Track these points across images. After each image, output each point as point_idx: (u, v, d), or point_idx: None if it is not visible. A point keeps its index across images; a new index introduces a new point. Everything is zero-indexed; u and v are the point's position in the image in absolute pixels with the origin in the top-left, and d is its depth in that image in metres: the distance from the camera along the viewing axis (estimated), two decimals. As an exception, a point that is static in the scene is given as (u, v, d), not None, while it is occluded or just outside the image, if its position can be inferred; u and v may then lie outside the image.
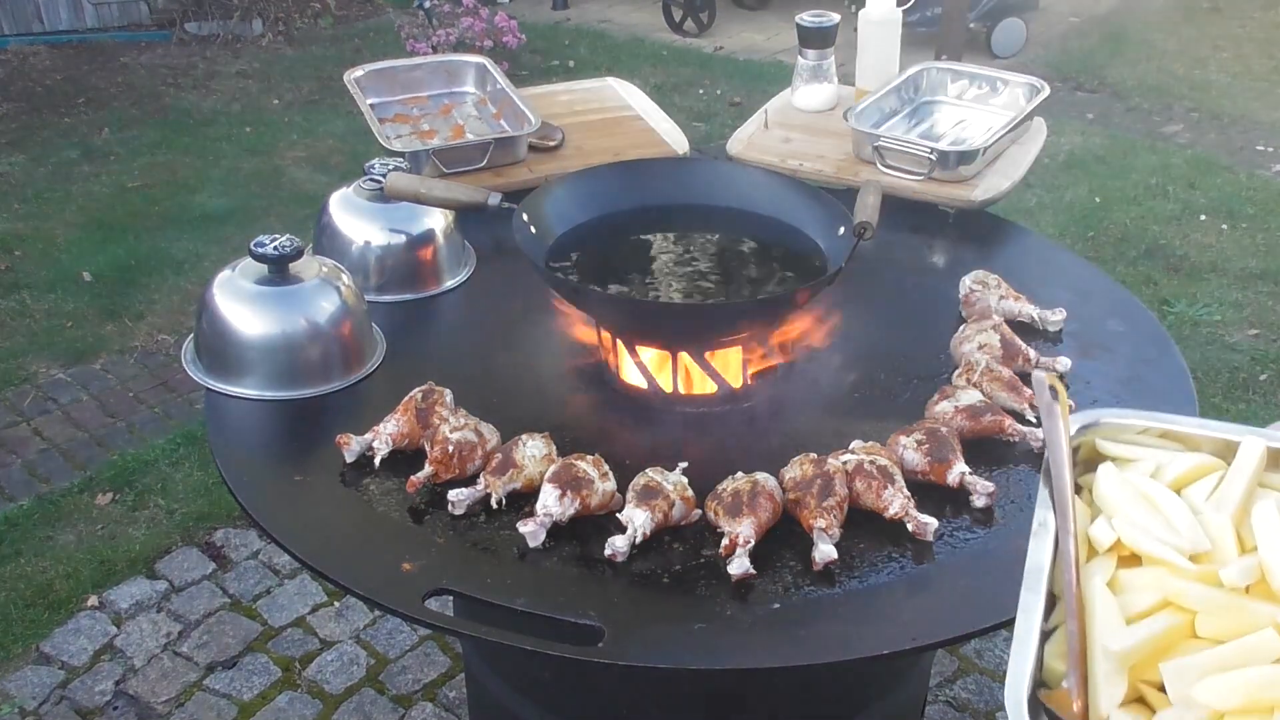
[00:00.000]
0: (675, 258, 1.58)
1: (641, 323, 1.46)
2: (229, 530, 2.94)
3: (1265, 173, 4.94)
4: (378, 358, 1.56)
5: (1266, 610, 0.75)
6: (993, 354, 1.48)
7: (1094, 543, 0.83)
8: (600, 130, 2.14)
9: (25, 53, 6.51)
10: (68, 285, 4.08)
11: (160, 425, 3.38)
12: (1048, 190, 4.72)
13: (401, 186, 1.60)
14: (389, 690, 2.50)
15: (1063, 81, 6.05)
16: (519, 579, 1.17)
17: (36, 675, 2.52)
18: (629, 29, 7.21)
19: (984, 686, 2.51)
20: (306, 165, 5.13)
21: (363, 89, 2.13)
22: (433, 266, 1.73)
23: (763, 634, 1.11)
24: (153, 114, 5.74)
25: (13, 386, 3.53)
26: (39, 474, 3.17)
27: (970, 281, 1.66)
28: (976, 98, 2.17)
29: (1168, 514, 0.82)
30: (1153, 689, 0.75)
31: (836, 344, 1.62)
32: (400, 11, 6.52)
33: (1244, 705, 0.70)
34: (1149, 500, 0.84)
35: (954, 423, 1.35)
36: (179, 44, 6.76)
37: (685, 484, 1.25)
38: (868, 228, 1.49)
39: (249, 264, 1.50)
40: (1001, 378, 1.43)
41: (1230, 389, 3.43)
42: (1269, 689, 0.70)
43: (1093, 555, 0.83)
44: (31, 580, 2.76)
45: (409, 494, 1.28)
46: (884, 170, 1.92)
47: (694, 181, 1.69)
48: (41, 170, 5.05)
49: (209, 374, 1.50)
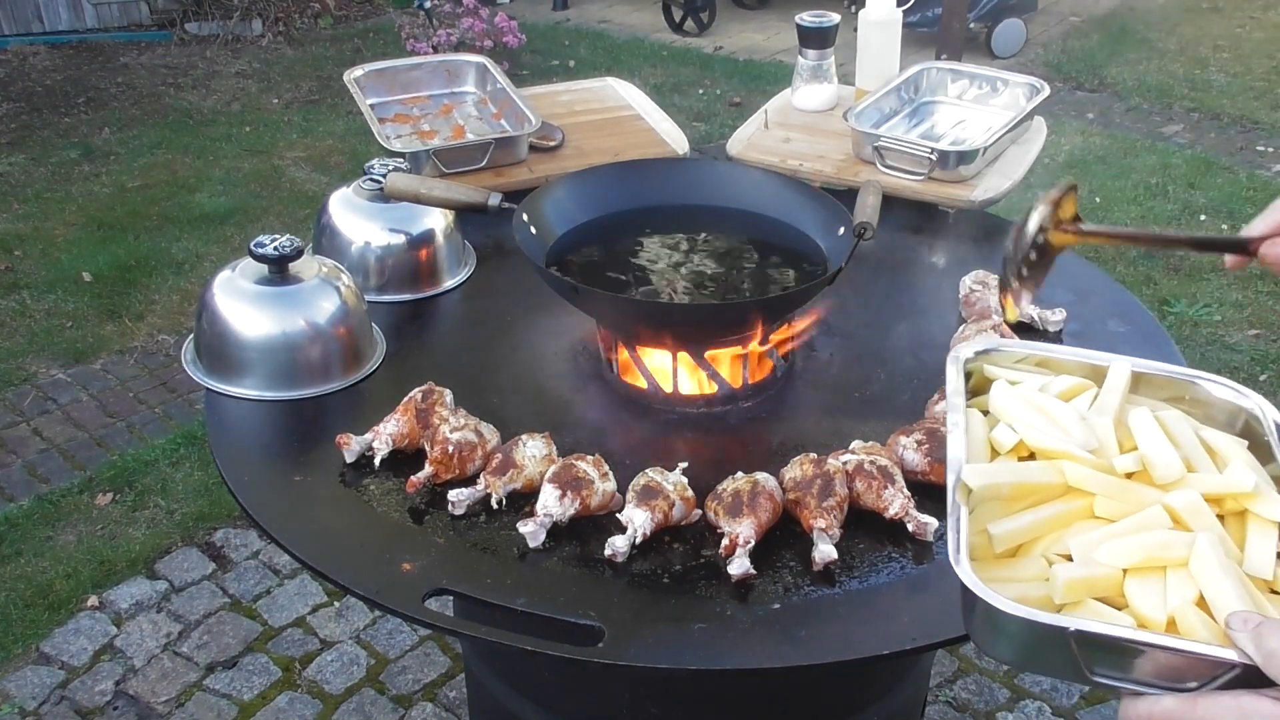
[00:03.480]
0: (675, 258, 1.58)
1: (641, 323, 1.46)
2: (229, 530, 2.94)
3: (1265, 173, 4.94)
4: (378, 358, 1.56)
5: (1152, 492, 0.89)
6: (993, 354, 1.47)
7: (996, 445, 0.97)
8: (600, 130, 2.14)
9: (25, 53, 6.51)
10: (68, 285, 4.08)
11: (160, 425, 3.39)
12: (1048, 190, 4.72)
13: (401, 186, 1.60)
14: (389, 690, 2.51)
15: (1063, 81, 6.05)
16: (519, 579, 1.17)
17: (36, 675, 2.52)
18: (629, 29, 7.21)
19: (984, 686, 2.51)
20: (306, 165, 5.13)
21: (363, 89, 2.13)
22: (433, 266, 1.73)
23: (763, 634, 1.11)
24: (153, 114, 5.74)
25: (13, 386, 3.53)
26: (39, 474, 3.17)
27: (970, 281, 1.66)
28: (976, 98, 2.17)
29: (1059, 419, 0.96)
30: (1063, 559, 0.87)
31: (836, 344, 1.62)
32: (400, 11, 6.52)
33: (1142, 563, 0.82)
34: (1041, 409, 0.98)
35: (954, 423, 1.35)
36: (179, 44, 6.76)
37: (685, 484, 1.25)
38: (868, 228, 1.49)
39: (249, 264, 1.50)
40: (1001, 378, 1.43)
41: (1230, 389, 3.43)
42: (1162, 550, 0.83)
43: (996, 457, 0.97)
44: (31, 580, 2.76)
45: (409, 494, 1.28)
46: (884, 170, 1.92)
47: (694, 181, 1.69)
48: (41, 170, 5.05)
49: (209, 374, 1.50)
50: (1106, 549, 0.84)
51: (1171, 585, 0.81)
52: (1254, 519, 0.89)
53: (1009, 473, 0.91)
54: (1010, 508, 0.90)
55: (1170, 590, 0.81)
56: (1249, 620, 0.74)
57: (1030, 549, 0.88)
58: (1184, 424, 0.97)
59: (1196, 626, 0.78)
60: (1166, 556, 0.82)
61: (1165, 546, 0.83)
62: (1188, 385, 1.03)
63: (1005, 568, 0.87)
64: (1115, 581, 0.82)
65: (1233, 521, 0.89)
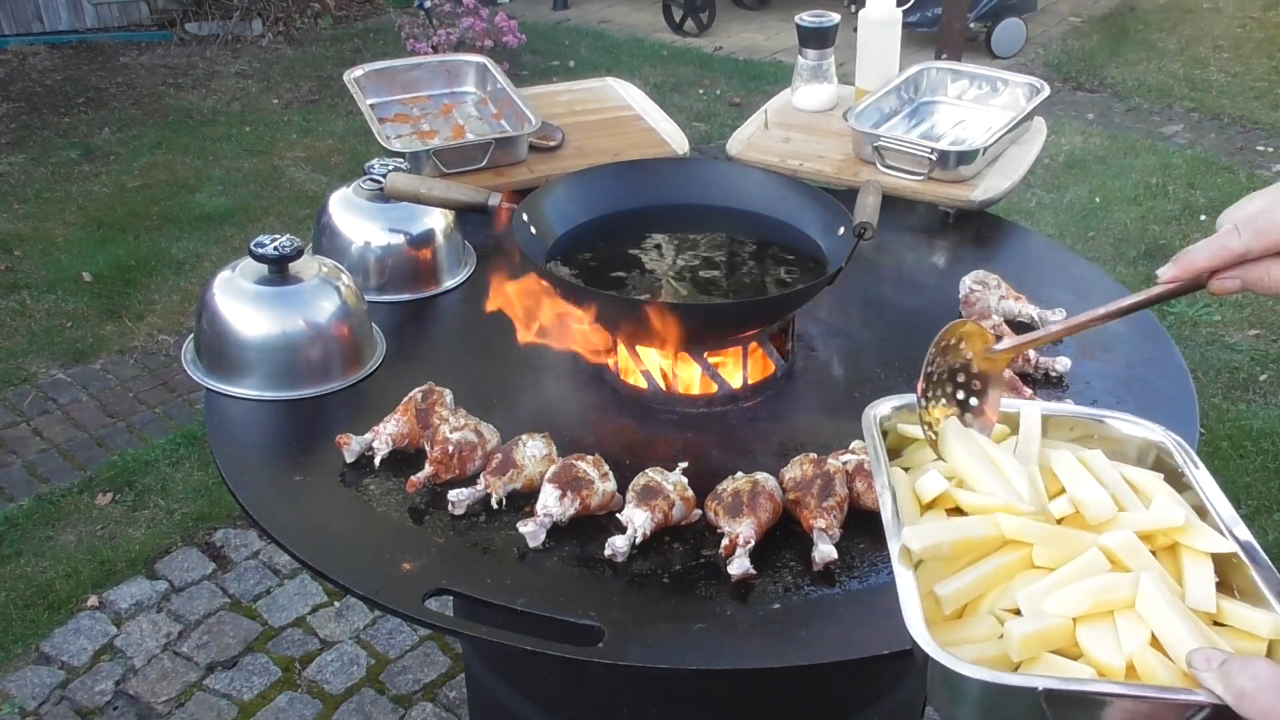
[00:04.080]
0: (675, 258, 1.58)
1: (641, 323, 1.46)
2: (229, 530, 2.94)
3: (1265, 173, 4.93)
4: (378, 358, 1.56)
5: (1087, 536, 0.89)
6: (993, 354, 1.47)
7: (920, 496, 0.97)
8: (600, 130, 2.14)
9: (25, 53, 6.51)
10: (68, 285, 4.08)
11: (160, 425, 3.39)
12: (1048, 190, 4.73)
13: (401, 186, 1.60)
14: (389, 690, 2.51)
15: (1063, 81, 6.05)
16: (519, 579, 1.17)
17: (36, 675, 2.52)
18: (629, 29, 7.21)
19: (984, 686, 2.51)
20: (306, 165, 5.13)
21: (363, 89, 2.13)
22: (433, 266, 1.73)
23: (763, 634, 1.11)
24: (153, 114, 5.74)
25: (13, 386, 3.53)
26: (39, 474, 3.17)
27: (970, 281, 1.66)
28: (976, 98, 2.17)
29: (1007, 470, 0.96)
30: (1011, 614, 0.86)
31: (837, 344, 1.62)
32: (400, 11, 6.52)
33: (1090, 609, 0.82)
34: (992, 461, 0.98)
35: (954, 423, 1.35)
36: (179, 44, 6.76)
37: (685, 484, 1.25)
38: (868, 228, 1.49)
39: (249, 264, 1.50)
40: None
41: (1230, 389, 3.43)
42: (1107, 593, 0.83)
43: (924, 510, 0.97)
44: (31, 580, 2.76)
45: (409, 494, 1.28)
46: (884, 170, 1.92)
47: (694, 181, 1.69)
48: (41, 170, 5.05)
49: (209, 374, 1.50)
50: (1054, 599, 0.83)
51: (1123, 629, 0.81)
52: (1187, 552, 0.90)
53: (949, 531, 0.90)
54: (951, 566, 0.90)
55: (1123, 634, 0.81)
56: (1212, 659, 0.74)
57: (977, 606, 0.88)
58: (1105, 463, 0.98)
59: (1157, 668, 0.78)
60: (1112, 600, 0.83)
61: (1110, 589, 0.83)
62: (1095, 424, 1.04)
63: (957, 629, 0.86)
64: (1068, 631, 0.82)
65: (1164, 556, 0.90)
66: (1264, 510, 2.91)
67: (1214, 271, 0.87)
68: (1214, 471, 0.97)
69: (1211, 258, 0.87)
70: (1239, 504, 2.89)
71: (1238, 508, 0.89)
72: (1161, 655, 0.79)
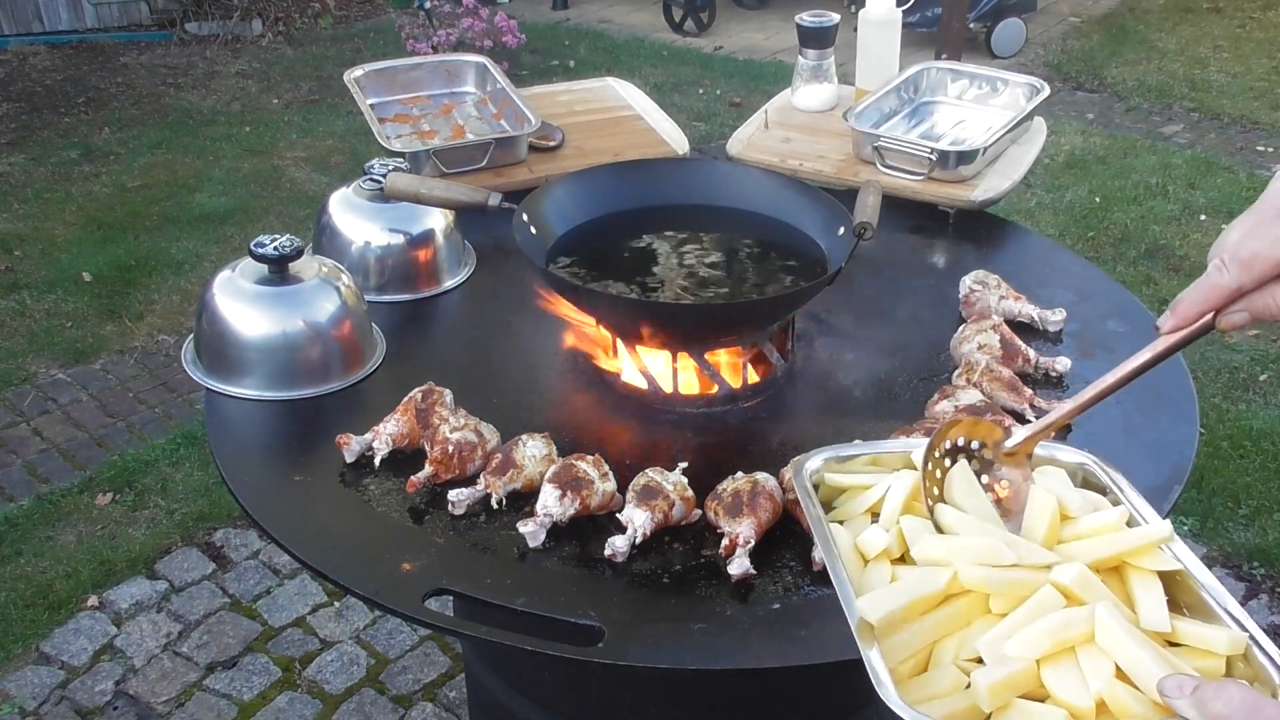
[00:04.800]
0: (675, 258, 1.58)
1: (641, 323, 1.46)
2: (229, 530, 2.94)
3: (1265, 173, 4.93)
4: (378, 358, 1.56)
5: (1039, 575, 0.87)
6: (993, 354, 1.48)
7: (864, 552, 0.95)
8: (600, 130, 2.14)
9: (25, 53, 6.51)
10: (68, 285, 4.08)
11: (160, 425, 3.39)
12: (1048, 190, 4.72)
13: (401, 186, 1.60)
14: (389, 690, 2.50)
15: (1063, 81, 6.05)
16: (519, 579, 1.17)
17: (36, 675, 2.52)
18: (629, 29, 7.21)
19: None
20: (306, 165, 5.13)
21: (363, 89, 2.13)
22: (433, 266, 1.73)
23: (763, 634, 1.11)
24: (153, 114, 5.74)
25: (13, 386, 3.53)
26: (39, 474, 3.17)
27: (970, 281, 1.66)
28: (976, 98, 2.17)
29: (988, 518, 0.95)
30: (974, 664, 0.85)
31: (837, 344, 1.62)
32: (400, 11, 6.51)
33: (1051, 649, 0.81)
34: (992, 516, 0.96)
35: (954, 423, 1.35)
36: (179, 44, 6.76)
37: (685, 484, 1.25)
38: (868, 228, 1.49)
39: (249, 264, 1.50)
40: (1001, 378, 1.43)
41: (1230, 389, 3.43)
42: (1066, 630, 0.82)
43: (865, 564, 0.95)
44: (31, 580, 2.76)
45: (409, 494, 1.28)
46: (884, 170, 1.92)
47: (694, 181, 1.69)
48: (41, 170, 5.05)
49: (209, 374, 1.50)
50: (1014, 642, 0.82)
51: (1086, 665, 0.80)
52: (1134, 572, 0.89)
53: (903, 594, 0.88)
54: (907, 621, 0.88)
55: (1087, 671, 0.80)
56: (1184, 686, 0.73)
57: (938, 658, 0.86)
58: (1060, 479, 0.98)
59: (1129, 702, 0.77)
60: (1072, 636, 0.81)
61: (1068, 626, 0.82)
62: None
63: (922, 685, 0.85)
64: (1033, 674, 0.81)
65: (1110, 578, 0.89)
66: (1264, 510, 2.91)
67: (1216, 310, 0.86)
68: (1214, 472, 0.97)
69: (1205, 300, 0.85)
70: (1239, 504, 2.89)
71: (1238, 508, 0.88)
72: (1130, 688, 0.78)
